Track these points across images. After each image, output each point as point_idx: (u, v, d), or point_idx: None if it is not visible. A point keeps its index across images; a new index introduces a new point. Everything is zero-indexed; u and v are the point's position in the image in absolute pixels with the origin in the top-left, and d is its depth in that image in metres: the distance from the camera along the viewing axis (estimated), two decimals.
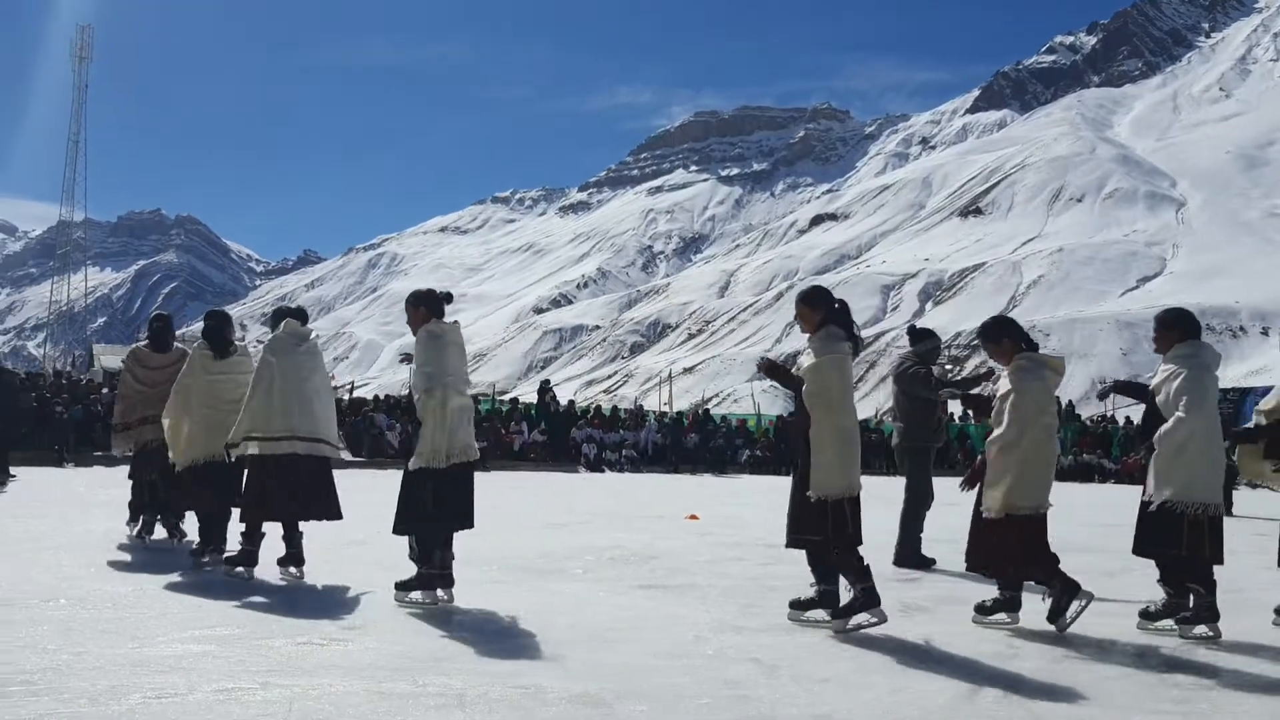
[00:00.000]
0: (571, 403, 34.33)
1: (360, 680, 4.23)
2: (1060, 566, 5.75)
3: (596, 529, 11.23)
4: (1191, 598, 5.82)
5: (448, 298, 6.65)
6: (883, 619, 5.51)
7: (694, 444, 29.48)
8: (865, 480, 5.76)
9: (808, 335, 5.79)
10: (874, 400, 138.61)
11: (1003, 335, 5.99)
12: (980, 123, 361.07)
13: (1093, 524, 13.61)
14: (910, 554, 8.67)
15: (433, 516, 6.03)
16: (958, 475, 6.61)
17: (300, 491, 6.79)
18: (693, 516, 12.72)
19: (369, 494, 15.46)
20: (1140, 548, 5.91)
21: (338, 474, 7.25)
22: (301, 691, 4.03)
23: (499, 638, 5.23)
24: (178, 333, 9.14)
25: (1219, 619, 5.72)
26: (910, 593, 7.30)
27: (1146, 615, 5.99)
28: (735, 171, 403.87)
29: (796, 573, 7.90)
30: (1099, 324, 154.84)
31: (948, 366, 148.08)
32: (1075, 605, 5.61)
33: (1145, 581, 7.90)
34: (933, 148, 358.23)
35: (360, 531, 9.96)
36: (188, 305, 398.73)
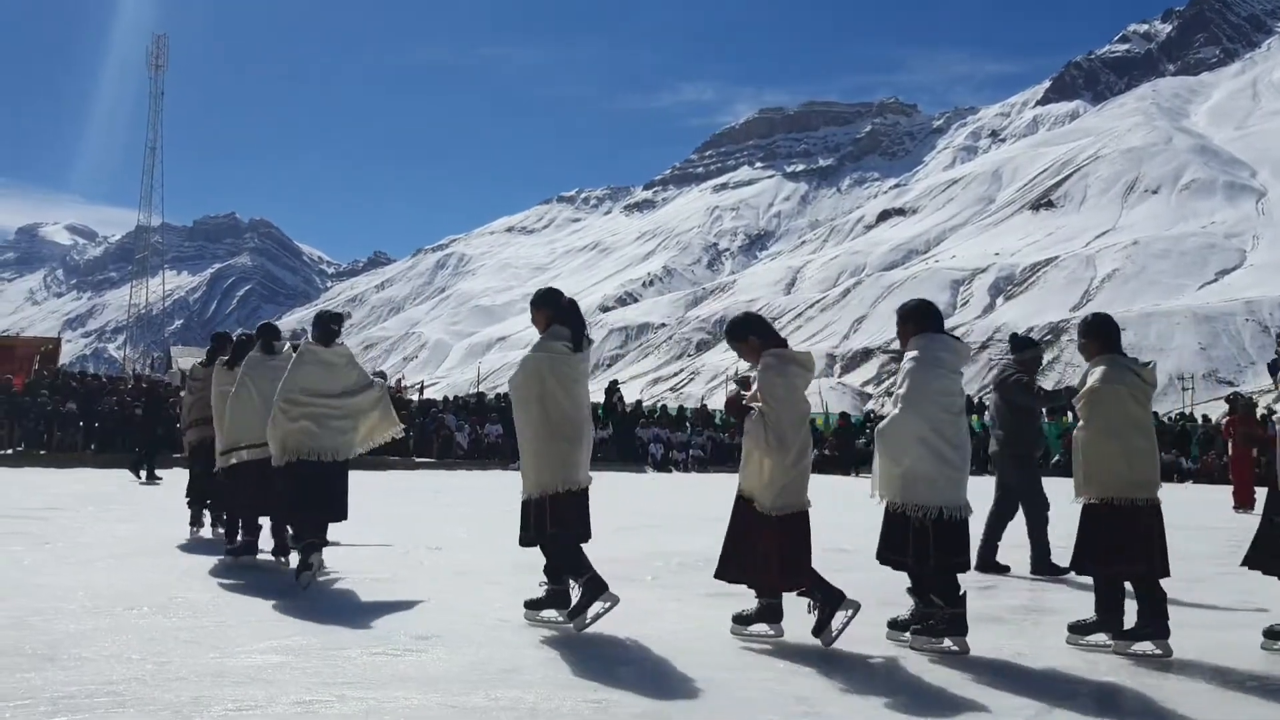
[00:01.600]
0: (638, 403, 34.44)
1: (434, 693, 4.29)
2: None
3: (665, 533, 11.26)
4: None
5: (335, 319, 7.44)
6: (614, 601, 5.46)
7: None
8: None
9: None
10: None
11: (748, 333, 5.75)
12: (1051, 114, 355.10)
13: (1172, 527, 13.33)
14: (1045, 563, 8.55)
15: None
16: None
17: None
18: None
19: (439, 495, 15.68)
20: (879, 554, 5.64)
21: (407, 475, 7.32)
22: (377, 704, 4.09)
23: (569, 649, 5.26)
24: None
25: (966, 633, 5.33)
26: (986, 602, 7.19)
27: (894, 625, 5.67)
28: (801, 167, 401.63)
29: (866, 580, 7.84)
30: (1176, 318, 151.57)
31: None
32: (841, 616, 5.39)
33: (1222, 590, 7.72)
34: (1002, 140, 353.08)
35: (435, 538, 10.09)
36: (261, 307, 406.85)
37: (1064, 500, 5.83)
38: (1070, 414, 6.77)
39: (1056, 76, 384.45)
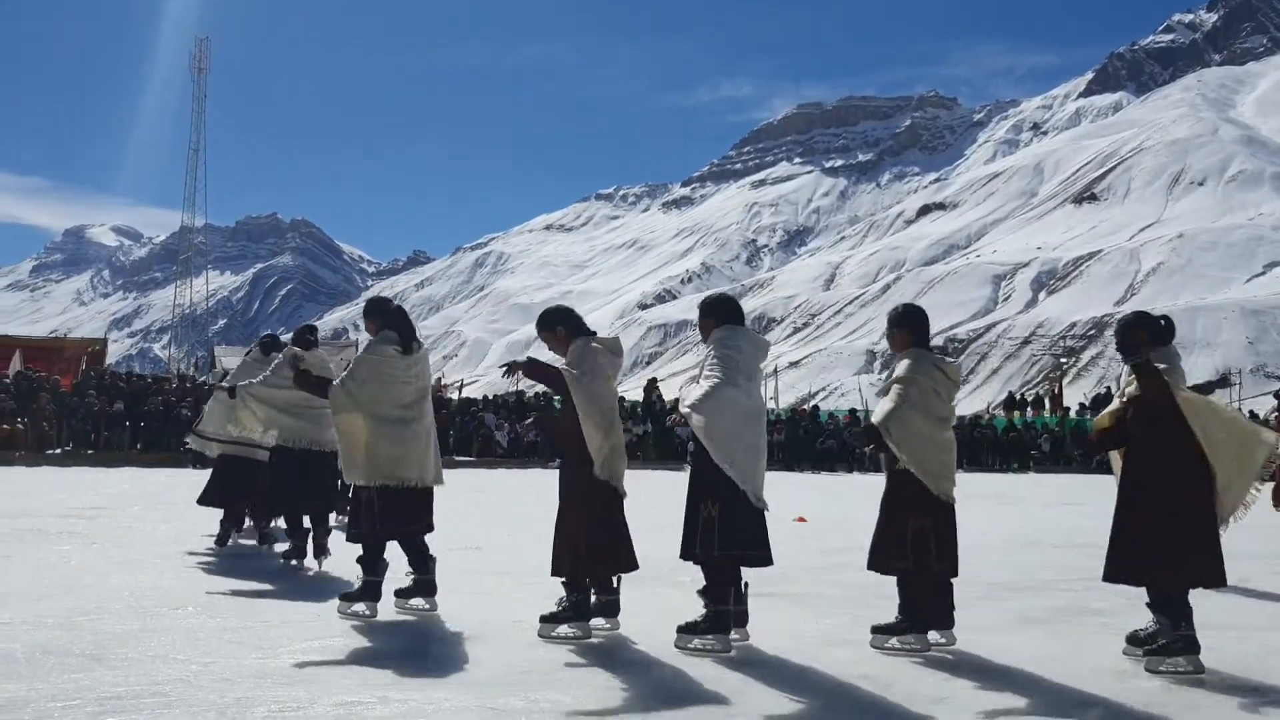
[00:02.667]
0: (676, 400, 34.38)
1: (473, 695, 4.31)
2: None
3: None
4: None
5: (309, 330, 8.53)
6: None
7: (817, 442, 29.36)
8: (965, 477, 5.64)
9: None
10: (984, 394, 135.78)
11: (556, 323, 5.75)
12: (1094, 106, 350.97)
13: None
14: None
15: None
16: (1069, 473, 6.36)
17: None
18: (801, 519, 12.64)
19: (478, 495, 15.74)
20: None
21: (447, 474, 7.31)
22: (417, 706, 4.12)
23: (608, 651, 5.27)
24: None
25: (728, 630, 5.28)
26: (1029, 602, 7.13)
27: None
28: (840, 163, 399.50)
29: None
30: (1223, 312, 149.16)
31: (1061, 359, 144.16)
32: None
33: (1268, 591, 7.60)
34: (1044, 133, 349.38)
35: (474, 538, 10.14)
36: (303, 306, 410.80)
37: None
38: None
39: (1099, 68, 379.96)
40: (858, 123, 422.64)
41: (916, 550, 5.40)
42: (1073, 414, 40.72)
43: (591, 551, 5.47)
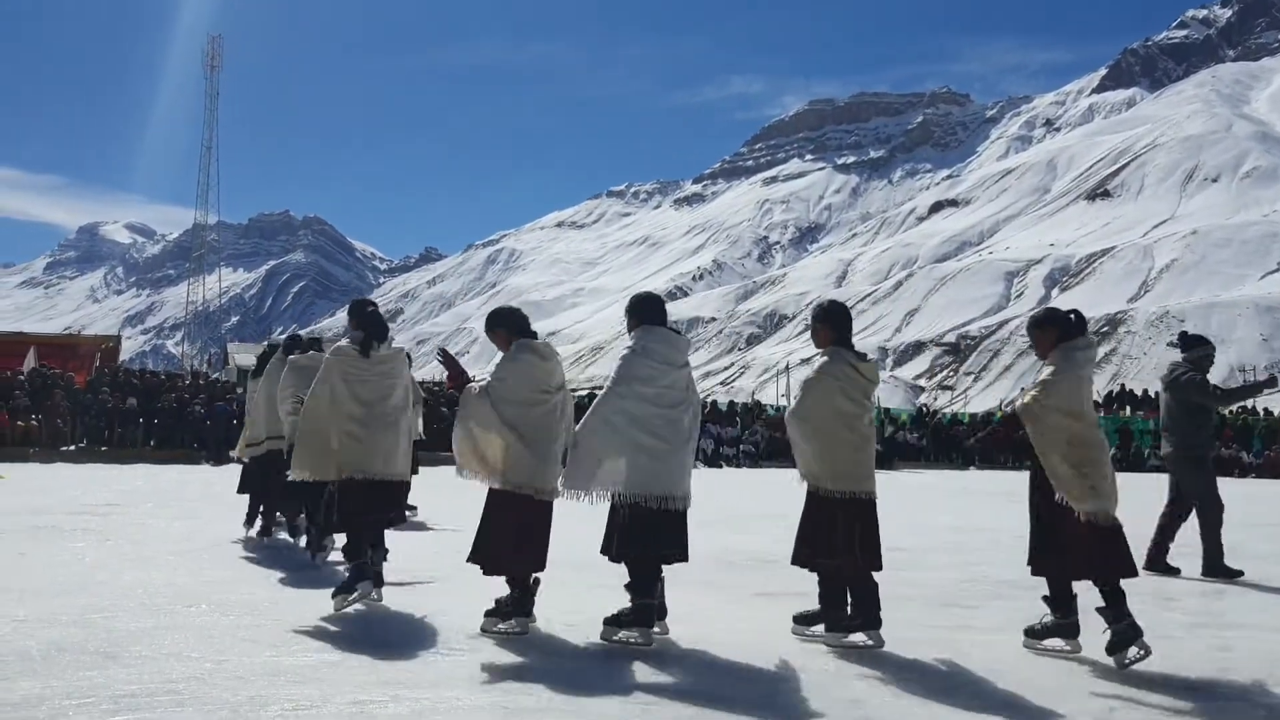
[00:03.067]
0: None
1: (486, 694, 4.32)
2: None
3: (715, 531, 11.21)
4: None
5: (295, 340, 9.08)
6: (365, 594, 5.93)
7: None
8: (976, 475, 5.63)
9: None
10: (997, 392, 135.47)
11: (498, 325, 5.83)
12: (1107, 102, 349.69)
13: (1234, 524, 13.07)
14: (1218, 565, 8.44)
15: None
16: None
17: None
18: None
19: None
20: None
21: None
22: (430, 705, 4.13)
23: (622, 650, 5.27)
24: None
25: (651, 624, 5.38)
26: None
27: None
28: (852, 159, 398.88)
29: (921, 579, 7.80)
30: (1238, 309, 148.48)
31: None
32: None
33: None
34: (1057, 129, 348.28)
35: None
36: (315, 303, 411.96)
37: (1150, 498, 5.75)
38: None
39: (1113, 64, 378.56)
40: (870, 119, 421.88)
41: (840, 546, 5.42)
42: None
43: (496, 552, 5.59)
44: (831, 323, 5.72)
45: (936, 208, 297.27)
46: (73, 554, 8.03)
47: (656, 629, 5.43)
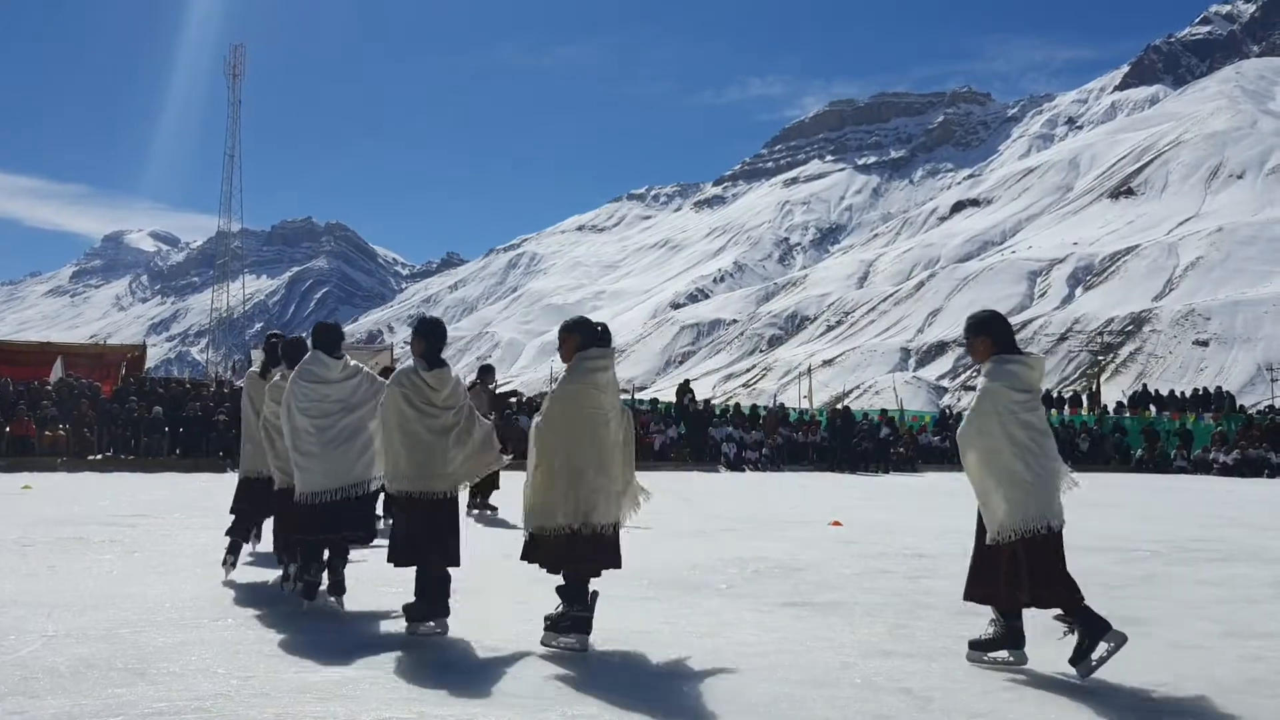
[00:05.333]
0: (708, 401, 34.35)
1: (510, 710, 4.31)
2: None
3: (740, 537, 11.20)
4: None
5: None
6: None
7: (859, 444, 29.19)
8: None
9: None
10: None
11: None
12: (1130, 100, 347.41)
13: (1260, 527, 12.96)
14: None
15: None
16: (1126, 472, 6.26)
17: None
18: (836, 523, 12.57)
19: (511, 499, 15.79)
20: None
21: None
22: None
23: (644, 661, 5.26)
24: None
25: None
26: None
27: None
28: (872, 160, 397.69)
29: (946, 587, 7.75)
30: (1264, 306, 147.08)
31: (1099, 356, 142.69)
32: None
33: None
34: (1080, 128, 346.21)
35: (509, 544, 10.14)
36: (338, 309, 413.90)
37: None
38: None
39: (1135, 61, 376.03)
40: (890, 119, 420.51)
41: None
42: (1111, 412, 40.29)
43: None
44: (574, 329, 5.74)
45: (958, 207, 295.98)
46: (102, 567, 8.08)
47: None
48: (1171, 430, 34.73)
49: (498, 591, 7.36)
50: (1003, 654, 5.26)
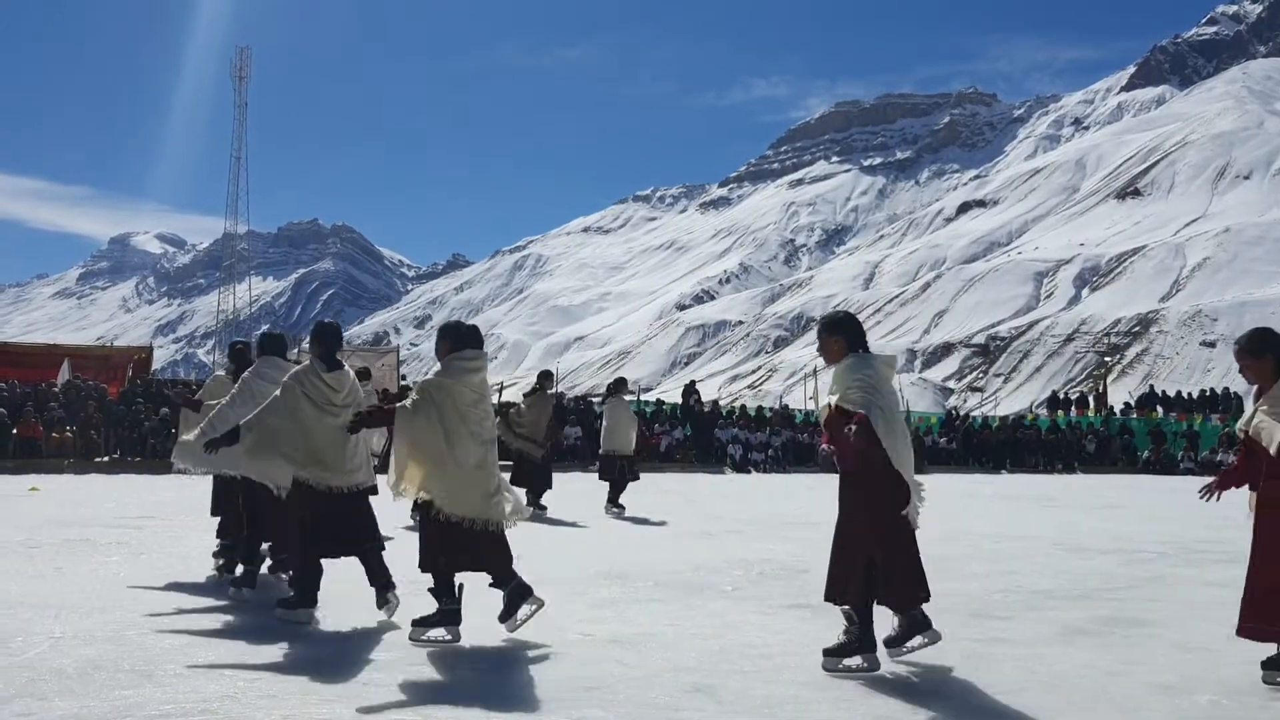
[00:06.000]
0: (715, 402, 34.36)
1: (517, 712, 4.32)
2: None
3: (745, 539, 11.20)
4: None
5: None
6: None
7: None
8: (1009, 479, 5.56)
9: None
10: (1027, 393, 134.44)
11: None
12: (1136, 100, 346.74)
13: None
14: None
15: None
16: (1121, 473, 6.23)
17: None
18: None
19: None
20: None
21: None
22: None
23: (650, 664, 5.26)
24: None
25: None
26: (1075, 614, 7.04)
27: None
28: (878, 161, 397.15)
29: (952, 589, 7.74)
30: (1271, 306, 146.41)
31: (1106, 357, 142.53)
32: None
33: None
34: (1086, 128, 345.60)
35: (514, 546, 10.12)
36: (344, 310, 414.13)
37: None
38: None
39: (1141, 61, 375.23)
40: (895, 120, 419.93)
41: None
42: (1118, 413, 40.20)
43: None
44: (445, 335, 5.96)
45: (964, 208, 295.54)
46: (109, 569, 8.10)
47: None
48: (1178, 431, 34.66)
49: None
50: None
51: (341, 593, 6.91)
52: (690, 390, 31.80)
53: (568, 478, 23.32)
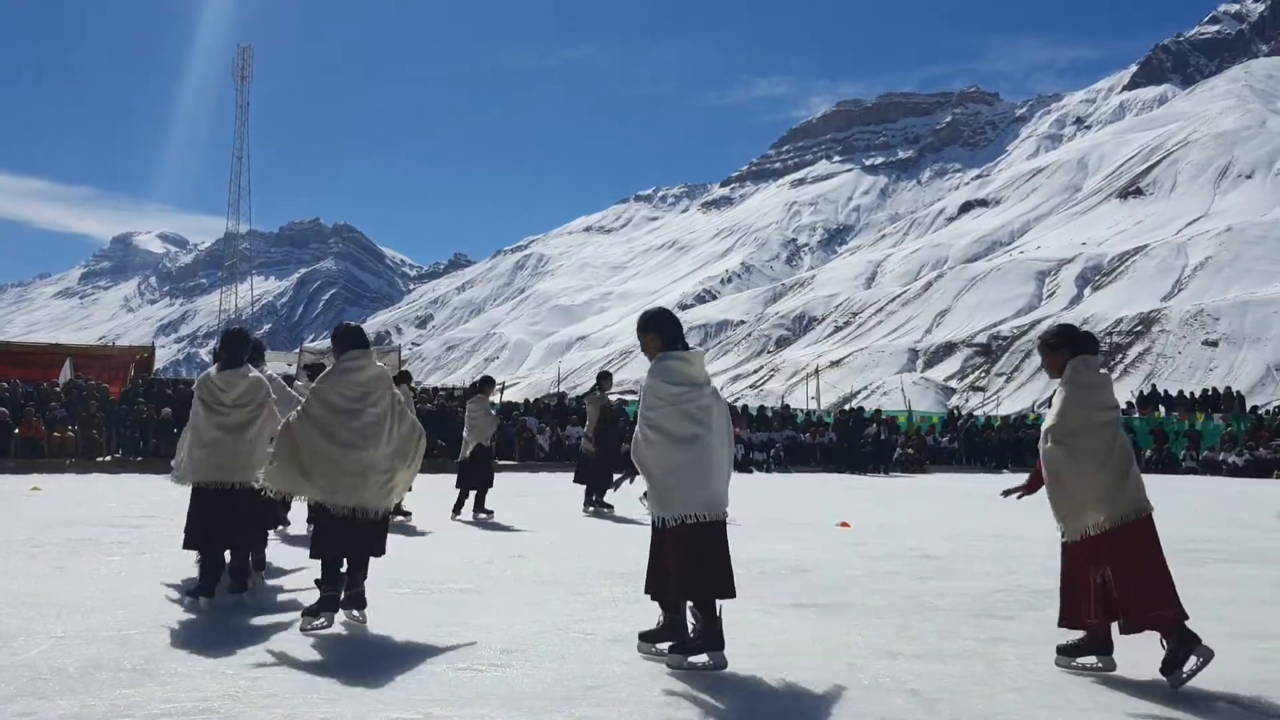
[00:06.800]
0: None
1: (518, 711, 4.32)
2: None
3: (747, 538, 11.18)
4: None
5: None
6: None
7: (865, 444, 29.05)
8: (1010, 479, 5.57)
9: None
10: (1029, 393, 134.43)
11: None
12: (1139, 99, 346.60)
13: (1269, 526, 12.92)
14: None
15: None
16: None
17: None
18: (844, 524, 12.56)
19: (521, 500, 15.78)
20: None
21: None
22: None
23: (653, 665, 5.26)
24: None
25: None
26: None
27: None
28: (880, 160, 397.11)
29: (954, 588, 7.74)
30: (1273, 306, 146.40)
31: (1108, 356, 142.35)
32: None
33: None
34: (1088, 128, 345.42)
35: (518, 545, 10.14)
36: (346, 310, 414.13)
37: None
38: None
39: (1143, 60, 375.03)
40: (897, 119, 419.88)
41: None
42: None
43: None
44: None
45: (966, 208, 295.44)
46: (111, 568, 8.10)
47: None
48: (1180, 431, 34.63)
49: (506, 593, 7.36)
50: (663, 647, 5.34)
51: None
52: None
53: (569, 477, 23.34)
